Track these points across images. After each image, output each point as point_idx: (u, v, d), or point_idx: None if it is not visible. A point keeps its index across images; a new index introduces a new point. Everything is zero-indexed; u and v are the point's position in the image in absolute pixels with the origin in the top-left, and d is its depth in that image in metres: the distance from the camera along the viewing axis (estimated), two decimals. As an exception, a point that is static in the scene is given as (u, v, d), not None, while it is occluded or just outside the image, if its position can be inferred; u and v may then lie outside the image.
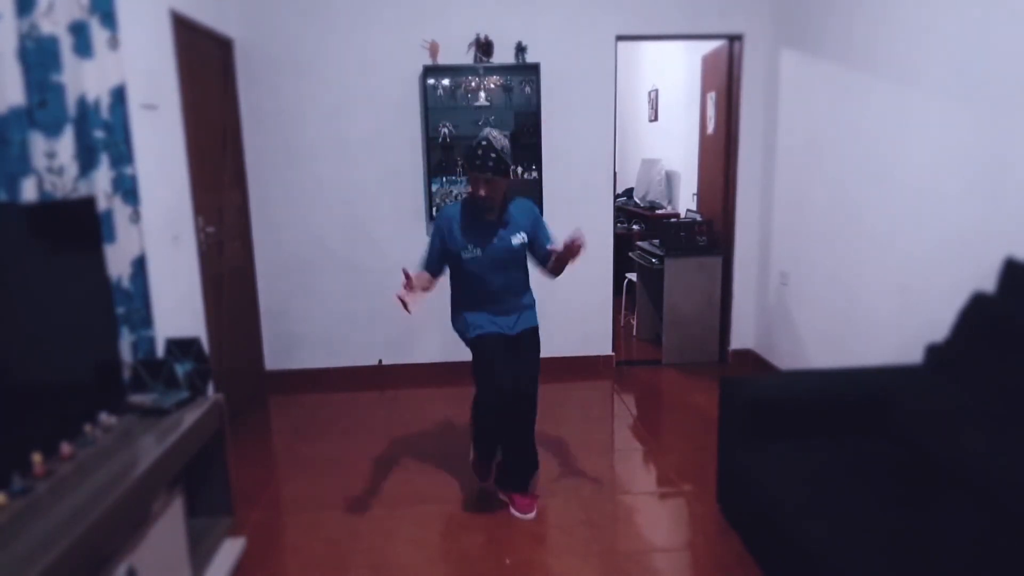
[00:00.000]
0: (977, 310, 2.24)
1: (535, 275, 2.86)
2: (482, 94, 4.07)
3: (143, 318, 2.44)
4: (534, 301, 2.86)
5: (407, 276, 2.48)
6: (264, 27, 3.89)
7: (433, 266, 2.70)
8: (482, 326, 2.71)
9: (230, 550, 2.37)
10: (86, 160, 2.19)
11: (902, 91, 2.89)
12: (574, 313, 4.34)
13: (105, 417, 2.04)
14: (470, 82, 4.06)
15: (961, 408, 2.08)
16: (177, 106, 3.06)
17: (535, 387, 2.72)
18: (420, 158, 4.10)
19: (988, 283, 2.33)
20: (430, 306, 4.15)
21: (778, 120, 4.06)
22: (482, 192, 2.54)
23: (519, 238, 2.65)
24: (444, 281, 2.79)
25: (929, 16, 2.71)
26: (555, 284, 4.21)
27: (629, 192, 6.86)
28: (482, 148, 2.49)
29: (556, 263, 2.66)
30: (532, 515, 2.70)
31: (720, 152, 4.47)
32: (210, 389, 2.44)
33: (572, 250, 2.50)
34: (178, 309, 2.97)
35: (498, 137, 2.53)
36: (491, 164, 2.48)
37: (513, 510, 2.72)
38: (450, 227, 2.65)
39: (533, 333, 2.81)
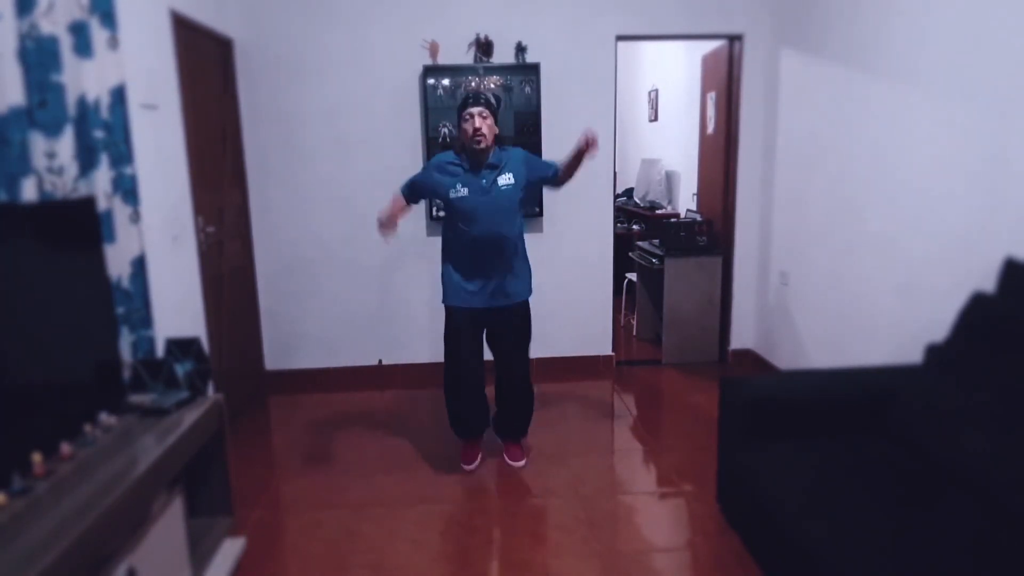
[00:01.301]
0: (977, 310, 2.24)
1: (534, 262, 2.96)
2: (482, 94, 4.07)
3: (143, 318, 2.44)
4: (527, 270, 2.98)
5: (387, 219, 2.77)
6: (264, 27, 3.89)
7: (411, 193, 2.91)
8: (458, 294, 2.87)
9: (230, 550, 2.37)
10: (86, 160, 2.19)
11: (902, 91, 2.89)
12: (574, 313, 4.34)
13: (105, 417, 2.04)
14: (470, 82, 4.06)
15: (961, 408, 2.08)
16: (177, 106, 3.06)
17: (526, 363, 3.02)
18: (420, 158, 4.09)
19: (988, 283, 2.33)
20: (429, 306, 4.17)
21: (778, 120, 4.06)
22: (476, 124, 2.70)
23: (506, 178, 2.76)
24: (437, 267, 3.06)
25: (929, 16, 2.71)
26: (555, 283, 4.24)
27: (629, 192, 6.87)
28: (473, 91, 2.81)
29: (568, 167, 2.85)
30: (521, 463, 3.06)
31: (720, 152, 4.47)
32: (210, 389, 2.44)
33: (588, 145, 2.67)
34: (178, 309, 2.97)
35: (484, 88, 2.80)
36: (483, 99, 2.71)
37: (505, 457, 3.10)
38: (442, 167, 2.83)
39: (522, 308, 2.95)
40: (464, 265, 2.85)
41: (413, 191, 2.94)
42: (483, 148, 2.74)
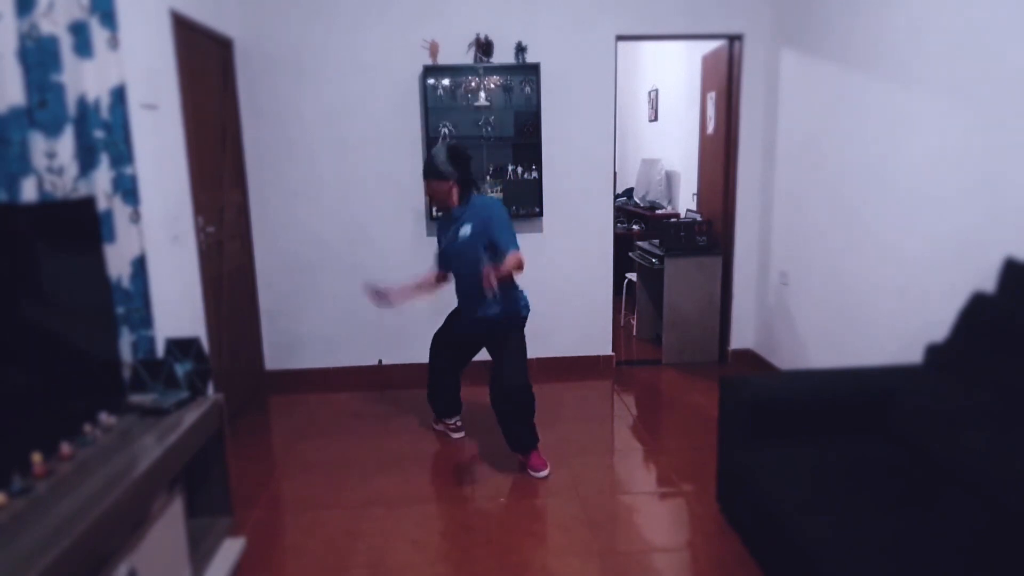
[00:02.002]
0: (977, 310, 2.24)
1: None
2: (482, 94, 4.07)
3: (143, 318, 2.44)
4: (506, 304, 2.96)
5: (382, 295, 3.10)
6: (264, 27, 3.90)
7: (439, 263, 3.17)
8: (457, 313, 3.22)
9: (230, 550, 2.37)
10: (86, 160, 2.19)
11: (903, 91, 2.89)
12: (574, 313, 4.34)
13: (105, 417, 2.04)
14: (470, 82, 4.06)
15: (961, 408, 2.08)
16: (177, 106, 3.06)
17: (517, 380, 2.94)
18: (420, 158, 4.09)
19: (988, 283, 2.33)
20: (429, 307, 4.17)
21: (778, 120, 4.06)
22: (426, 194, 3.12)
23: (465, 230, 2.91)
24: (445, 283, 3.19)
25: (929, 16, 2.71)
26: (555, 283, 4.24)
27: (629, 192, 6.87)
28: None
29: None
30: (543, 473, 3.00)
31: (720, 152, 4.47)
32: (210, 389, 2.44)
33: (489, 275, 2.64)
34: (178, 309, 2.97)
35: (437, 149, 2.90)
36: (424, 172, 2.95)
37: (529, 470, 3.03)
38: (438, 226, 3.18)
39: (497, 327, 3.00)
40: (458, 294, 3.16)
41: (438, 258, 3.17)
42: (442, 209, 3.04)
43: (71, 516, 1.54)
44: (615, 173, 4.40)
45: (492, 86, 4.08)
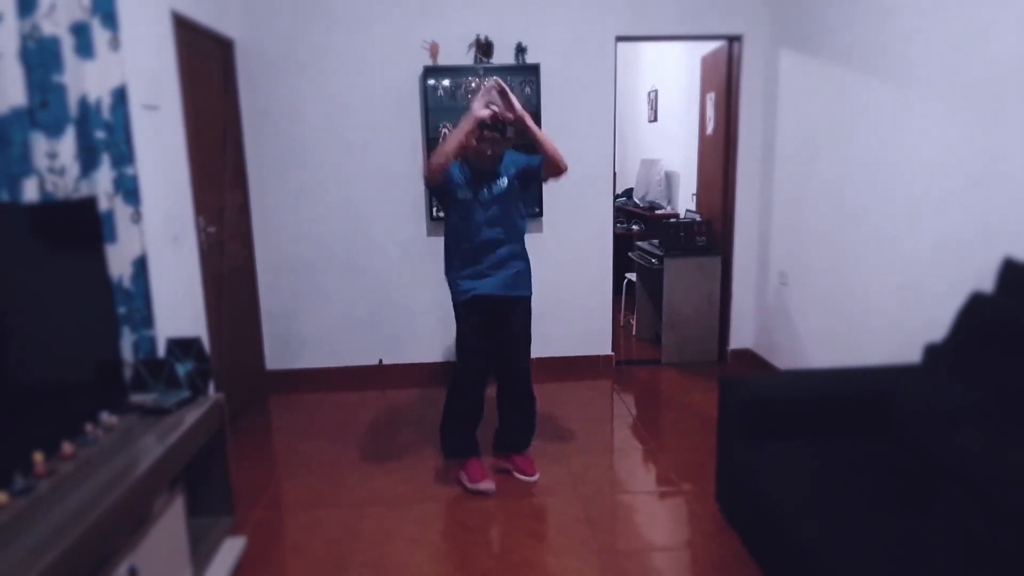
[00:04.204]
0: (976, 310, 2.25)
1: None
2: (482, 94, 4.07)
3: (144, 318, 2.45)
4: (528, 265, 2.95)
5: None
6: (265, 27, 3.90)
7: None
8: (469, 289, 2.82)
9: (230, 549, 2.38)
10: (87, 160, 2.20)
11: (902, 91, 2.90)
12: (574, 313, 4.35)
13: (106, 416, 2.04)
14: (470, 83, 4.06)
15: (960, 408, 2.09)
16: (178, 106, 3.07)
17: (526, 356, 2.94)
18: (420, 158, 4.10)
19: (987, 283, 2.34)
20: (429, 306, 4.18)
21: (777, 120, 4.06)
22: (489, 152, 2.78)
23: (502, 182, 2.83)
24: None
25: (929, 17, 2.71)
26: (555, 283, 4.24)
27: (629, 192, 6.88)
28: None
29: (542, 154, 2.77)
30: (535, 477, 2.93)
31: (719, 152, 4.48)
32: (211, 389, 2.45)
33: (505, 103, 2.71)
34: (179, 309, 2.98)
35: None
36: (494, 126, 2.74)
37: (516, 474, 2.95)
38: (453, 168, 2.83)
39: (524, 303, 2.93)
40: (468, 260, 2.84)
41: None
42: (488, 168, 2.84)
43: (72, 515, 1.54)
44: (615, 173, 4.40)
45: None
